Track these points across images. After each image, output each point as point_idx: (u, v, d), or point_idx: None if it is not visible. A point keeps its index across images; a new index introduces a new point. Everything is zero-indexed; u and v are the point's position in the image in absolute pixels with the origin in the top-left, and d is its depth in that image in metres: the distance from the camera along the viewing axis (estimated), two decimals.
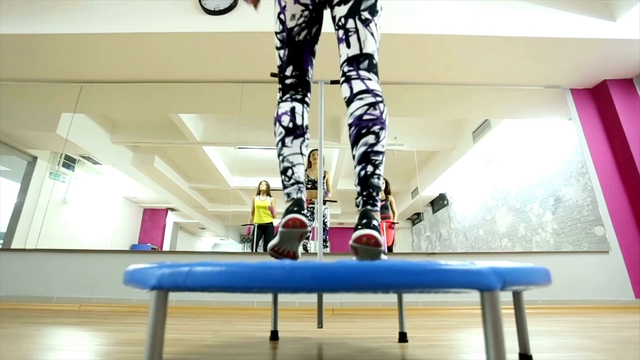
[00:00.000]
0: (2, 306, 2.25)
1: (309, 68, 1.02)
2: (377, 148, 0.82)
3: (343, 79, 0.90)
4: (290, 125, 0.93)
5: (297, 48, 0.99)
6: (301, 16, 0.97)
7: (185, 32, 2.35)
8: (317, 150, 1.53)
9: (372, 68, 0.89)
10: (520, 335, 0.77)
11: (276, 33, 1.02)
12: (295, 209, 0.84)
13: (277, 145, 0.95)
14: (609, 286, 2.39)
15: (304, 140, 0.94)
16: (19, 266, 2.40)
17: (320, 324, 1.23)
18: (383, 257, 0.80)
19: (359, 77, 0.87)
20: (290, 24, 0.98)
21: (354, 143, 0.84)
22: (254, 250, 2.91)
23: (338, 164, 3.19)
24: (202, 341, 1.10)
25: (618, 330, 1.40)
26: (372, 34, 0.90)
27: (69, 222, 2.96)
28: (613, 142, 2.75)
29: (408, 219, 3.90)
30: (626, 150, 2.63)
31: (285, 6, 0.98)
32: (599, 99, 2.89)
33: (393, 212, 3.37)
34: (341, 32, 0.92)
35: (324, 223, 2.93)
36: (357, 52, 0.89)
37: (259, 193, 3.07)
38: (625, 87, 2.79)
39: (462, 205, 3.62)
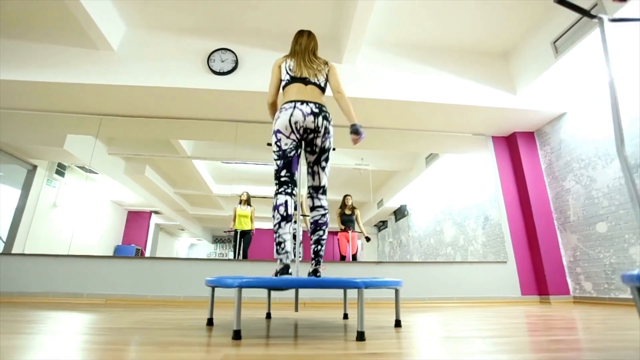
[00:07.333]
0: (42, 300, 2.81)
1: (295, 172, 1.71)
2: (323, 237, 1.67)
3: (308, 195, 1.72)
4: (285, 214, 1.58)
5: (289, 160, 1.66)
6: (291, 144, 1.67)
7: (194, 88, 3.01)
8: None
9: (324, 193, 1.72)
10: (397, 310, 1.54)
11: (274, 151, 1.68)
12: (285, 273, 1.52)
13: (275, 225, 1.58)
14: (504, 287, 3.30)
15: (291, 224, 1.62)
16: (53, 268, 2.96)
17: (296, 309, 1.97)
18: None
19: (318, 198, 1.70)
20: (284, 147, 1.66)
21: (312, 233, 1.67)
22: (237, 253, 3.45)
23: None
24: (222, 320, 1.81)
25: (485, 312, 2.22)
26: (326, 174, 1.73)
27: (62, 224, 3.40)
28: (517, 179, 3.69)
29: (375, 225, 4.67)
30: (524, 186, 3.57)
31: (280, 139, 1.67)
32: (510, 146, 3.82)
33: (358, 224, 4.04)
34: (309, 169, 1.72)
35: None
36: (318, 184, 1.71)
37: (240, 202, 3.54)
38: (528, 138, 3.74)
39: (418, 216, 4.43)
